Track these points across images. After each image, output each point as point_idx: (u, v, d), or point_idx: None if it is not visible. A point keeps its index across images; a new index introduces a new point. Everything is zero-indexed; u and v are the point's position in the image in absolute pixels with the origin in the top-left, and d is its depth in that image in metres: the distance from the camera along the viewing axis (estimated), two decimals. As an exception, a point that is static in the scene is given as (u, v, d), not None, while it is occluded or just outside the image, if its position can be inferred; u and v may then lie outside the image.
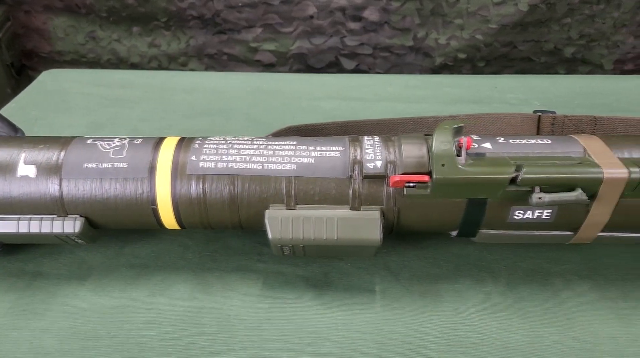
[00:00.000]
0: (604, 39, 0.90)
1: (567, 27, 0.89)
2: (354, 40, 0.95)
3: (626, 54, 0.91)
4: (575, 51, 0.91)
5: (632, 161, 0.27)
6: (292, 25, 0.95)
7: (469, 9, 0.89)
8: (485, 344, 0.28)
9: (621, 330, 0.28)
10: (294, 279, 0.32)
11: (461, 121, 0.30)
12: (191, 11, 0.94)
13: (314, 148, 0.30)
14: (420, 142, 0.29)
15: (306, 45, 0.96)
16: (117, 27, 0.98)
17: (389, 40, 0.94)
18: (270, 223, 0.28)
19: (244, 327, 0.28)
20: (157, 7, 0.93)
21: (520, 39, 0.90)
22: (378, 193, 0.29)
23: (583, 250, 0.33)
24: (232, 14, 0.94)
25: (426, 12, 0.90)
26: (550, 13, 0.87)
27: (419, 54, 0.93)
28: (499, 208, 0.29)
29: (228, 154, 0.29)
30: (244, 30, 0.96)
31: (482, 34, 0.89)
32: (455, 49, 0.91)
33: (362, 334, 0.28)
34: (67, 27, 1.00)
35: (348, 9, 0.92)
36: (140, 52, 0.99)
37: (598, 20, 0.88)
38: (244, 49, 0.97)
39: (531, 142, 0.30)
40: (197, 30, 0.97)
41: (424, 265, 0.33)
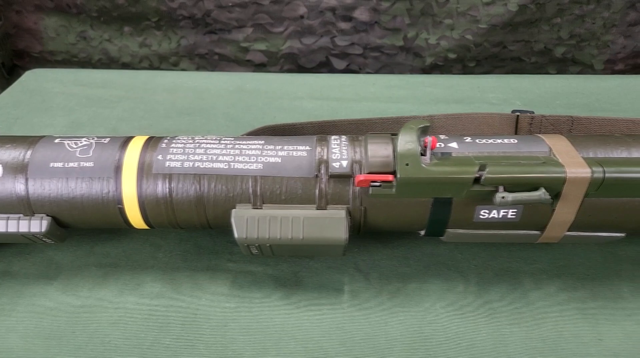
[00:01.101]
0: (594, 39, 0.90)
1: (557, 27, 0.89)
2: (344, 40, 0.95)
3: (616, 54, 0.91)
4: (566, 51, 0.91)
5: (595, 161, 0.27)
6: (282, 25, 0.95)
7: (458, 9, 0.89)
8: (450, 343, 0.28)
9: (587, 330, 0.28)
10: (264, 278, 0.32)
11: (428, 121, 0.30)
12: (182, 11, 0.94)
13: (281, 147, 0.30)
14: (386, 142, 0.29)
15: (297, 45, 0.96)
16: (108, 27, 0.98)
17: (379, 41, 0.94)
18: (236, 223, 0.28)
19: (209, 326, 0.29)
20: (147, 7, 0.93)
21: (510, 39, 0.90)
22: (344, 193, 0.29)
23: (553, 249, 0.33)
24: (223, 14, 0.94)
25: (416, 12, 0.90)
26: (540, 13, 0.87)
27: (409, 54, 0.93)
28: (465, 208, 0.29)
29: (195, 153, 0.29)
30: (234, 30, 0.96)
31: (472, 34, 0.89)
32: (446, 49, 0.91)
33: (327, 333, 0.28)
34: (58, 27, 1.00)
35: (338, 9, 0.92)
36: (131, 52, 0.99)
37: (588, 20, 0.88)
38: (234, 49, 0.97)
39: (497, 142, 0.30)
40: (188, 30, 0.97)
41: (394, 264, 0.33)
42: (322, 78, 0.61)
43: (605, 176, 0.27)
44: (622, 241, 0.33)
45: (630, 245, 0.33)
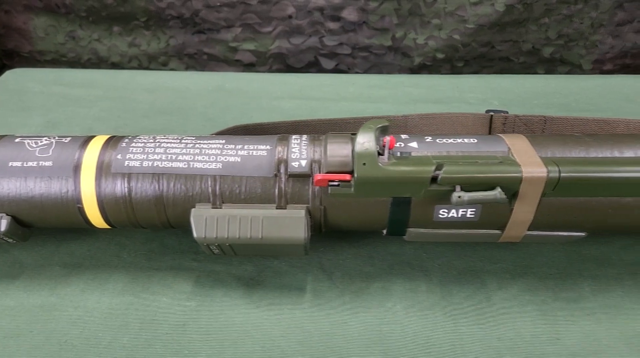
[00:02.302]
0: (582, 39, 0.90)
1: (545, 27, 0.89)
2: (332, 40, 0.95)
3: (605, 54, 0.91)
4: (554, 51, 0.91)
5: (552, 161, 0.27)
6: (271, 25, 0.95)
7: (446, 9, 0.89)
8: (407, 341, 0.28)
9: (545, 329, 0.28)
10: (227, 278, 0.32)
11: (387, 121, 0.30)
12: (170, 11, 0.94)
13: (241, 146, 0.30)
14: (346, 141, 0.29)
15: (285, 45, 0.96)
16: (97, 27, 0.98)
17: (367, 40, 0.94)
18: (195, 222, 0.28)
19: (168, 325, 0.29)
20: (136, 6, 0.93)
21: (498, 39, 0.90)
22: (303, 192, 0.29)
23: (518, 249, 0.33)
24: (211, 14, 0.94)
25: (404, 12, 0.90)
26: (527, 13, 0.87)
27: (397, 54, 0.93)
28: (424, 207, 0.29)
29: (154, 153, 0.29)
30: (223, 30, 0.96)
31: (460, 34, 0.89)
32: (434, 49, 0.91)
33: (286, 333, 0.28)
34: (48, 26, 1.00)
35: (326, 9, 0.92)
36: (120, 52, 0.99)
37: (576, 20, 0.88)
38: (223, 49, 0.97)
39: (458, 141, 0.30)
40: (176, 30, 0.96)
41: (358, 263, 0.33)
42: (303, 78, 0.61)
43: (561, 175, 0.27)
44: (586, 240, 0.33)
45: (594, 245, 0.34)
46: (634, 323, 0.28)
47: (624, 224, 0.29)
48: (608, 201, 0.28)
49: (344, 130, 0.42)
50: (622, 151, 0.29)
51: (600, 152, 0.29)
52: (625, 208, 0.28)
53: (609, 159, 0.28)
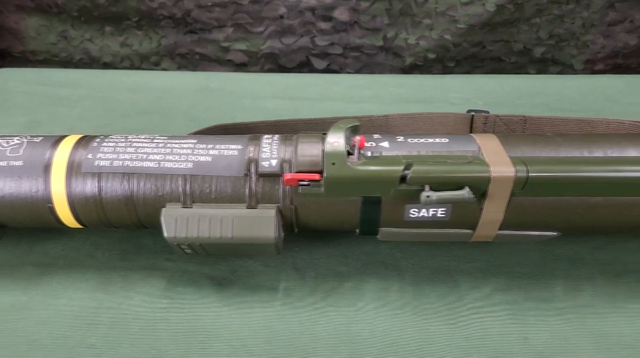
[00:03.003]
0: (573, 39, 0.90)
1: (537, 28, 0.89)
2: (324, 40, 0.95)
3: (596, 54, 0.91)
4: (545, 51, 0.91)
5: (521, 160, 0.27)
6: (262, 25, 0.94)
7: (437, 9, 0.89)
8: (375, 341, 0.28)
9: (514, 328, 0.28)
10: (200, 278, 0.32)
11: (358, 121, 0.30)
12: (162, 11, 0.94)
13: (212, 146, 0.30)
14: (317, 141, 0.29)
15: (277, 45, 0.96)
16: (89, 27, 0.98)
17: (359, 40, 0.94)
18: (166, 221, 0.28)
19: (138, 326, 0.29)
20: (127, 6, 0.93)
21: (489, 39, 0.90)
22: (274, 192, 0.29)
23: (492, 248, 0.33)
24: (203, 14, 0.94)
25: (395, 12, 0.90)
26: (518, 13, 0.87)
27: (389, 54, 0.93)
28: (395, 207, 0.29)
29: (125, 152, 0.29)
30: (214, 30, 0.96)
31: (451, 34, 0.89)
32: (425, 49, 0.91)
33: (254, 332, 0.28)
34: (39, 26, 1.00)
35: (318, 9, 0.92)
36: (112, 52, 0.99)
37: (567, 20, 0.88)
38: (215, 49, 0.97)
39: (429, 141, 0.30)
40: (168, 30, 0.96)
41: (332, 263, 0.33)
42: (288, 78, 0.61)
43: (529, 175, 0.27)
44: (561, 240, 0.33)
45: (568, 244, 0.34)
46: (602, 323, 0.28)
47: (594, 224, 0.29)
48: (577, 201, 0.28)
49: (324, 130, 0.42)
50: (591, 151, 0.29)
51: (570, 152, 0.29)
52: (594, 207, 0.28)
53: (577, 159, 0.28)
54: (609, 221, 0.29)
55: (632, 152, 0.28)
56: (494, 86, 0.56)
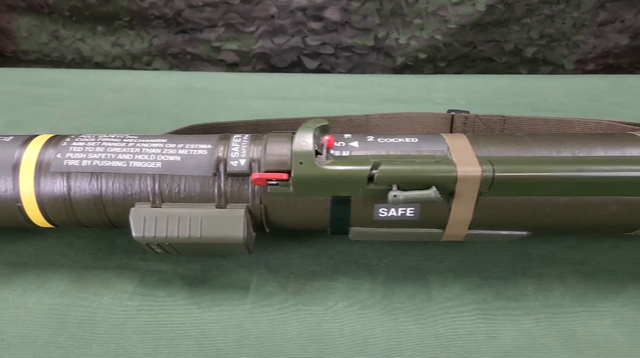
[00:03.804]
0: (564, 39, 0.90)
1: (527, 28, 0.89)
2: (315, 40, 0.95)
3: (587, 54, 0.91)
4: (536, 51, 0.91)
5: (488, 160, 0.27)
6: (253, 25, 0.95)
7: (428, 9, 0.89)
8: (344, 340, 0.28)
9: (482, 327, 0.28)
10: (172, 277, 0.32)
11: (327, 120, 0.30)
12: (153, 10, 0.94)
13: (182, 145, 0.30)
14: (286, 141, 0.29)
15: (268, 44, 0.96)
16: (81, 27, 0.98)
17: (350, 40, 0.94)
18: (134, 221, 0.28)
19: (106, 325, 0.29)
20: (118, 6, 0.93)
21: (480, 39, 0.90)
22: (243, 191, 0.29)
23: (466, 248, 0.34)
24: (194, 14, 0.94)
25: (386, 12, 0.90)
26: (509, 13, 0.87)
27: (380, 54, 0.93)
28: (364, 206, 0.29)
29: (94, 151, 0.29)
30: (206, 30, 0.96)
31: (442, 34, 0.89)
32: (416, 49, 0.91)
33: (224, 332, 0.28)
34: (31, 26, 1.00)
35: (309, 9, 0.92)
36: (104, 52, 0.99)
37: (558, 20, 0.89)
38: (206, 49, 0.97)
39: (399, 141, 0.30)
40: (160, 30, 0.96)
41: (305, 262, 0.33)
42: (273, 78, 0.61)
43: (495, 174, 0.27)
44: (534, 239, 0.33)
45: (542, 243, 0.34)
46: (571, 322, 0.28)
47: (563, 223, 0.29)
48: (545, 201, 0.28)
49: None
50: (560, 151, 0.29)
51: (538, 151, 0.29)
52: (562, 207, 0.28)
53: (543, 158, 0.28)
54: (577, 221, 0.29)
55: (600, 152, 0.28)
56: (478, 86, 0.56)
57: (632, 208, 0.28)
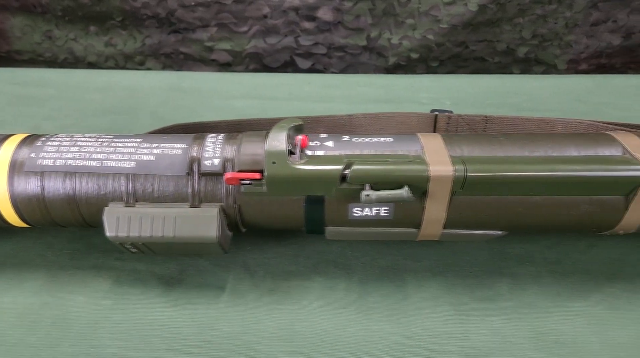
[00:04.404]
0: (557, 39, 0.90)
1: (520, 27, 0.89)
2: (308, 40, 0.95)
3: (580, 53, 0.91)
4: (529, 50, 0.91)
5: (460, 159, 0.27)
6: (246, 25, 0.94)
7: (420, 9, 0.89)
8: (316, 339, 0.28)
9: (455, 327, 0.28)
10: (147, 276, 0.32)
11: (301, 120, 0.30)
12: (145, 10, 0.94)
13: (157, 145, 0.30)
14: (260, 140, 0.29)
15: (261, 44, 0.96)
16: (74, 27, 0.98)
17: (343, 40, 0.94)
18: (107, 220, 0.28)
19: (79, 324, 0.29)
20: (111, 6, 0.93)
21: (472, 39, 0.90)
22: (217, 191, 0.29)
23: (443, 247, 0.34)
24: (187, 14, 0.94)
25: (378, 12, 0.90)
26: (501, 13, 0.87)
27: (373, 54, 0.93)
28: (338, 206, 0.29)
29: (69, 151, 0.29)
30: (198, 30, 0.96)
31: (434, 34, 0.89)
32: (408, 49, 0.91)
33: (196, 331, 0.28)
34: (24, 26, 1.00)
35: (301, 9, 0.92)
36: (96, 52, 0.98)
37: (550, 20, 0.89)
38: (199, 48, 0.97)
39: (374, 141, 0.30)
40: (152, 30, 0.96)
41: (282, 262, 0.33)
42: (260, 77, 0.61)
43: (467, 174, 0.27)
44: (512, 239, 0.33)
45: (519, 243, 0.34)
46: (543, 321, 0.28)
47: (536, 223, 0.29)
48: (518, 200, 0.28)
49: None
50: (533, 150, 0.29)
51: (511, 151, 0.29)
52: (535, 207, 0.28)
53: (516, 158, 0.28)
54: (550, 221, 0.29)
55: (572, 151, 0.28)
56: (465, 85, 0.56)
57: (604, 207, 0.28)
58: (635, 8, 0.87)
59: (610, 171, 0.27)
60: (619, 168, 0.27)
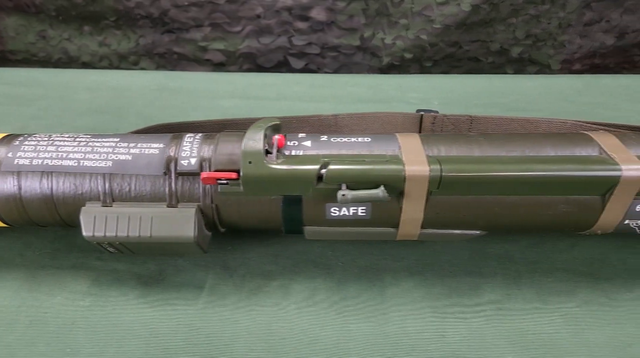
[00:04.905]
0: (550, 39, 0.90)
1: (513, 27, 0.89)
2: (301, 40, 0.95)
3: (573, 54, 0.91)
4: (522, 51, 0.91)
5: (436, 159, 0.27)
6: (240, 25, 0.94)
7: (413, 9, 0.89)
8: (293, 339, 0.28)
9: (432, 326, 0.28)
10: (126, 276, 0.32)
11: (279, 120, 0.30)
12: (139, 10, 0.94)
13: (134, 145, 0.30)
14: (237, 140, 0.29)
15: (255, 44, 0.96)
16: (68, 27, 0.98)
17: (336, 40, 0.94)
18: (84, 220, 0.28)
19: (56, 324, 0.29)
20: (105, 6, 0.93)
21: (466, 39, 0.90)
22: (194, 190, 0.29)
23: (424, 246, 0.34)
24: (180, 14, 0.94)
25: (371, 12, 0.90)
26: (494, 13, 0.87)
27: (366, 54, 0.93)
28: (315, 205, 0.29)
29: (46, 151, 0.29)
30: (192, 30, 0.96)
31: (427, 34, 0.89)
32: (402, 49, 0.91)
33: (173, 331, 0.28)
34: (18, 26, 0.99)
35: (294, 9, 0.92)
36: (90, 52, 0.98)
37: (543, 20, 0.89)
38: (193, 48, 0.97)
39: (352, 140, 0.30)
40: (146, 30, 0.96)
41: (263, 262, 0.33)
42: (249, 77, 0.61)
43: (443, 174, 0.27)
44: (493, 238, 0.33)
45: (500, 243, 0.34)
46: (520, 321, 0.28)
47: (514, 222, 0.29)
48: (496, 200, 0.28)
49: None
50: (510, 150, 0.29)
51: (488, 151, 0.29)
52: (511, 206, 0.28)
53: (492, 158, 0.28)
54: (528, 221, 0.29)
55: (549, 151, 0.28)
56: (453, 86, 0.56)
57: (581, 207, 0.28)
58: (628, 8, 0.87)
59: (585, 171, 0.27)
60: (594, 168, 0.27)
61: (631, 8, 0.87)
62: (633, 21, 0.87)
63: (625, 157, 0.27)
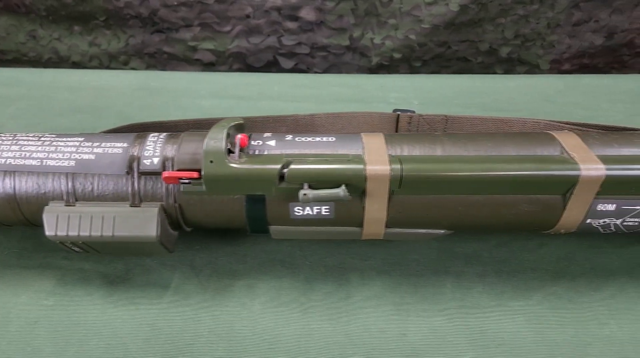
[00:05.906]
0: (539, 39, 0.90)
1: (502, 28, 0.89)
2: (291, 39, 0.95)
3: (562, 54, 0.91)
4: (511, 51, 0.91)
5: (398, 158, 0.27)
6: (229, 24, 0.94)
7: (402, 9, 0.89)
8: (255, 338, 0.28)
9: (394, 325, 0.28)
10: (93, 276, 0.32)
11: (242, 119, 0.30)
12: (128, 10, 0.94)
13: (98, 144, 0.30)
14: (200, 139, 0.29)
15: (244, 44, 0.96)
16: (58, 26, 0.98)
17: (326, 40, 0.94)
18: (47, 219, 0.28)
19: (18, 324, 0.29)
20: (94, 5, 0.93)
21: (455, 39, 0.90)
22: (157, 190, 0.29)
23: (392, 246, 0.34)
24: (170, 13, 0.94)
25: (360, 12, 0.90)
26: (483, 13, 0.87)
27: (355, 54, 0.93)
28: (279, 205, 0.29)
29: (9, 150, 0.29)
30: (182, 29, 0.96)
31: (416, 34, 0.89)
32: (391, 48, 0.91)
33: (135, 330, 0.28)
34: (9, 26, 0.99)
35: (284, 9, 0.92)
36: (81, 51, 0.98)
37: (532, 20, 0.89)
38: (182, 48, 0.97)
39: (316, 140, 0.30)
40: (136, 29, 0.96)
41: (230, 261, 0.33)
42: (232, 77, 0.61)
43: (403, 173, 0.27)
44: (461, 237, 0.33)
45: (469, 242, 0.34)
46: (483, 320, 0.28)
47: (477, 222, 0.29)
48: (458, 199, 0.28)
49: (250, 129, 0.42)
50: (472, 150, 0.29)
51: (450, 151, 0.29)
52: (475, 205, 0.28)
53: (453, 157, 0.28)
54: (491, 220, 0.29)
55: (511, 151, 0.28)
56: (434, 86, 0.56)
57: (543, 206, 0.28)
58: (617, 8, 0.87)
59: (544, 170, 0.27)
60: (553, 167, 0.27)
61: (620, 8, 0.87)
62: (622, 21, 0.87)
63: (585, 157, 0.27)
